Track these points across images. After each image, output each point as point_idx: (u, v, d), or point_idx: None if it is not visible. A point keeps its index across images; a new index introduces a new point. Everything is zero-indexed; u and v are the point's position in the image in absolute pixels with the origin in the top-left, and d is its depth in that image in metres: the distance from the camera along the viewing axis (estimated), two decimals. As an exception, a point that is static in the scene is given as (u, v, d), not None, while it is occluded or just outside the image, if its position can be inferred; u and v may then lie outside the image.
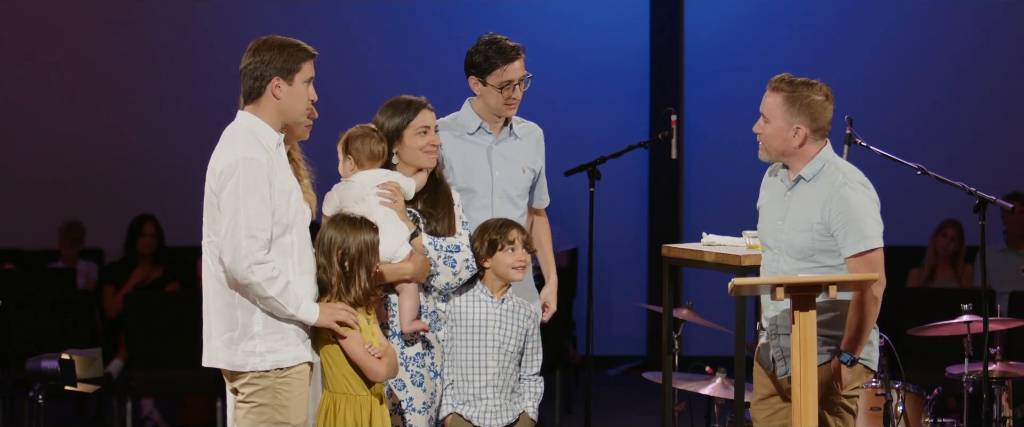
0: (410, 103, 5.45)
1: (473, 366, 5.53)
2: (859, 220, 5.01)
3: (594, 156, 6.55)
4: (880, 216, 5.07)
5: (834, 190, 5.05)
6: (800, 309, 4.91)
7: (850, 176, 5.08)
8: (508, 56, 5.72)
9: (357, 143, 5.34)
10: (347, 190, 5.31)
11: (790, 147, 5.11)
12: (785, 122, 5.08)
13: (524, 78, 5.77)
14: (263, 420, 4.82)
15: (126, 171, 11.51)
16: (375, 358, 4.95)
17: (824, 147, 5.14)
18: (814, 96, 5.08)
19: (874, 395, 6.62)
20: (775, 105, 5.10)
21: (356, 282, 4.95)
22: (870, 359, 5.14)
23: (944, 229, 9.50)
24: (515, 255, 5.52)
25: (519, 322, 5.60)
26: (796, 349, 4.90)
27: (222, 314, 4.85)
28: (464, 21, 11.24)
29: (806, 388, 4.89)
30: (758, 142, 5.18)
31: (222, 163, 4.78)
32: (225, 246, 4.74)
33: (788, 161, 5.16)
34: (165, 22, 11.50)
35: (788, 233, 5.12)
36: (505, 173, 5.81)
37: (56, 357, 5.74)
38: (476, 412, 5.53)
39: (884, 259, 5.03)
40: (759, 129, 5.16)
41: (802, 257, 5.08)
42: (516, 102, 5.79)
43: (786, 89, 5.10)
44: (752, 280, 5.04)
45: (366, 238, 4.98)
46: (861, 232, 5.00)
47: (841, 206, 5.02)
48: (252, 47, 4.89)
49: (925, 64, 11.24)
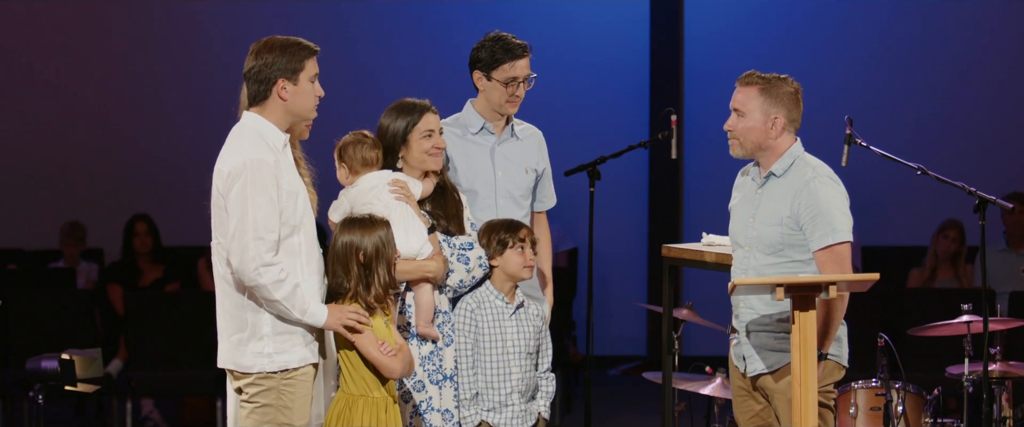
0: (414, 106, 5.45)
1: (498, 374, 5.53)
2: (827, 213, 4.99)
3: (594, 156, 6.55)
4: (850, 211, 5.06)
5: (804, 184, 5.04)
6: (800, 309, 4.90)
7: (819, 170, 5.07)
8: (515, 53, 5.74)
9: (349, 150, 5.34)
10: (357, 195, 5.30)
11: (768, 139, 5.11)
12: (763, 113, 5.10)
13: (528, 77, 5.79)
14: (266, 421, 4.82)
15: (126, 171, 11.51)
16: (390, 356, 4.94)
17: (795, 143, 5.15)
18: (787, 88, 5.12)
19: (874, 395, 6.62)
20: (750, 98, 5.12)
21: (376, 280, 4.94)
22: (839, 355, 5.13)
23: (945, 230, 9.49)
24: (526, 254, 5.54)
25: (532, 323, 5.63)
26: (796, 349, 4.90)
27: (232, 315, 4.84)
28: (464, 21, 11.25)
29: (806, 388, 4.89)
30: (729, 140, 5.17)
31: (229, 165, 4.77)
32: (232, 248, 4.73)
33: (762, 156, 5.16)
34: (165, 22, 11.50)
35: (759, 229, 5.12)
36: (508, 173, 5.82)
37: (56, 357, 5.75)
38: (503, 419, 5.54)
39: (851, 255, 5.02)
40: (732, 125, 5.16)
41: (772, 252, 5.08)
42: (518, 100, 5.80)
43: (760, 82, 5.13)
44: (752, 280, 5.04)
45: (381, 234, 4.97)
46: (829, 225, 4.99)
47: (810, 199, 5.01)
48: (254, 49, 4.88)
49: (925, 64, 11.24)
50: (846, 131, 6.12)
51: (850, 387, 6.70)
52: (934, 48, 11.24)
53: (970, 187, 6.09)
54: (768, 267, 5.09)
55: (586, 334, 6.58)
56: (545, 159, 5.97)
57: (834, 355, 5.12)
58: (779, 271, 5.06)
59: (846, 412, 6.66)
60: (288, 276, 4.76)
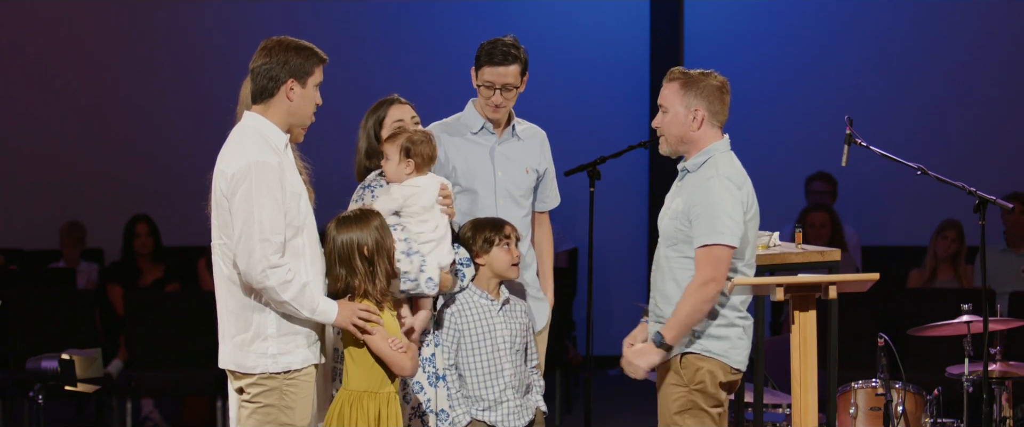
0: (380, 103, 5.56)
1: (490, 372, 5.53)
2: (713, 212, 4.96)
3: (594, 156, 6.55)
4: (742, 219, 4.98)
5: (702, 181, 5.03)
6: (800, 309, 4.91)
7: (722, 171, 5.03)
8: (493, 58, 5.66)
9: (420, 148, 5.33)
10: (415, 196, 5.29)
11: (689, 132, 5.08)
12: (683, 106, 5.08)
13: (506, 86, 5.69)
14: (268, 421, 4.82)
15: (126, 171, 11.51)
16: (400, 353, 4.95)
17: (719, 139, 5.11)
18: (710, 82, 5.10)
19: (874, 395, 6.63)
20: (671, 93, 5.11)
21: (380, 272, 4.95)
22: (726, 356, 5.04)
23: (944, 231, 9.47)
24: (512, 252, 5.53)
25: (519, 319, 5.63)
26: (796, 349, 4.90)
27: (236, 316, 4.84)
28: (464, 21, 11.24)
29: (806, 388, 4.89)
30: (658, 137, 5.16)
31: (233, 167, 4.76)
32: (239, 251, 4.73)
33: (685, 151, 5.13)
34: (165, 22, 11.50)
35: (665, 221, 5.12)
36: (508, 173, 5.80)
37: (56, 357, 5.75)
38: (499, 416, 5.53)
39: (727, 261, 4.94)
40: (658, 122, 5.15)
41: (670, 244, 5.09)
42: (496, 107, 5.72)
43: (681, 77, 5.12)
44: (752, 280, 5.04)
45: (376, 225, 4.98)
46: (713, 225, 4.95)
47: (702, 196, 5.00)
48: (267, 46, 4.87)
49: (925, 64, 11.24)
50: (846, 131, 6.12)
51: (850, 387, 6.71)
52: (934, 48, 11.24)
53: (970, 187, 6.09)
54: (666, 259, 5.09)
55: (586, 334, 6.59)
56: (548, 159, 5.96)
57: (719, 354, 5.03)
58: (676, 263, 5.05)
59: (846, 412, 6.66)
60: (295, 276, 4.76)
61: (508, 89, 5.68)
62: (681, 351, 5.02)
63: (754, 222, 5.10)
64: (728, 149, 5.13)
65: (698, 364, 5.01)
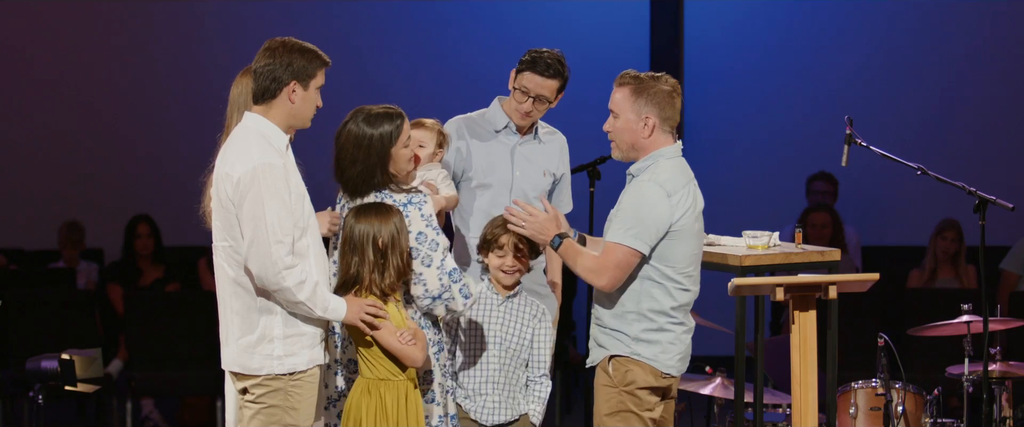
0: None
1: (474, 362, 5.53)
2: (632, 213, 4.97)
3: (594, 156, 6.55)
4: (662, 228, 4.97)
5: (637, 183, 5.04)
6: (800, 309, 4.91)
7: (659, 177, 5.01)
8: (535, 66, 5.73)
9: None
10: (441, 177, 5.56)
11: (640, 139, 5.07)
12: (634, 113, 5.06)
13: (541, 97, 5.72)
14: (273, 421, 4.82)
15: (126, 171, 11.51)
16: (409, 345, 4.95)
17: (670, 144, 5.10)
18: (661, 86, 5.07)
19: (874, 395, 6.63)
20: (622, 99, 5.08)
21: (390, 268, 4.95)
22: (656, 360, 5.05)
23: (943, 231, 9.45)
24: (503, 260, 5.52)
25: (524, 320, 5.60)
26: (796, 349, 4.90)
27: (242, 318, 4.84)
28: (464, 22, 11.25)
29: (806, 388, 4.89)
30: (610, 141, 5.15)
31: (238, 171, 4.75)
32: (252, 254, 4.72)
33: (636, 157, 5.13)
34: (165, 22, 11.50)
35: (610, 222, 5.12)
36: (525, 173, 5.85)
37: (56, 357, 5.74)
38: (475, 407, 5.54)
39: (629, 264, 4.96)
40: (609, 127, 5.14)
41: None
42: (525, 115, 5.80)
43: (632, 82, 5.09)
44: (752, 280, 5.04)
45: (396, 221, 4.98)
46: (623, 225, 4.96)
47: (628, 196, 5.02)
48: (271, 47, 4.86)
49: (925, 64, 11.23)
50: (846, 131, 6.13)
51: (850, 387, 6.71)
52: (934, 48, 11.24)
53: (970, 187, 6.09)
54: None
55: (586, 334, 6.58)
56: (565, 164, 6.00)
57: (649, 358, 5.04)
58: None
59: (846, 412, 6.67)
60: (308, 276, 4.77)
61: (542, 101, 5.75)
62: (612, 353, 5.03)
63: (697, 225, 5.08)
64: (676, 155, 5.10)
65: (628, 366, 5.05)
